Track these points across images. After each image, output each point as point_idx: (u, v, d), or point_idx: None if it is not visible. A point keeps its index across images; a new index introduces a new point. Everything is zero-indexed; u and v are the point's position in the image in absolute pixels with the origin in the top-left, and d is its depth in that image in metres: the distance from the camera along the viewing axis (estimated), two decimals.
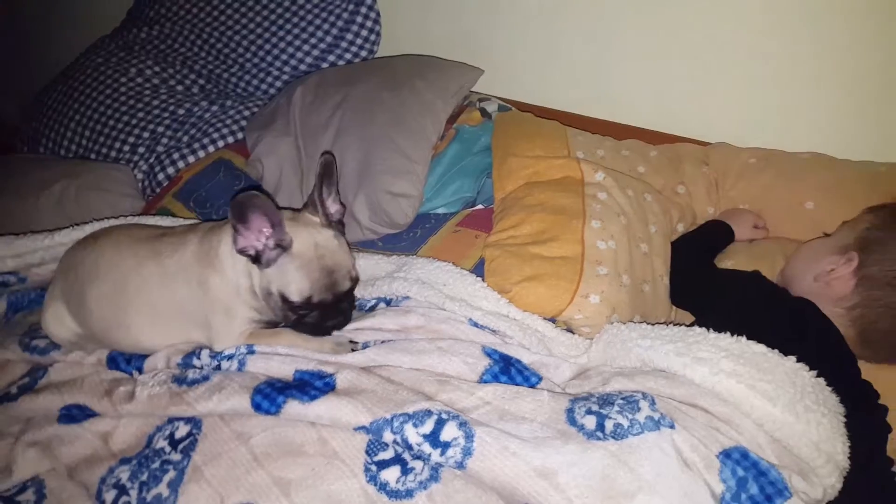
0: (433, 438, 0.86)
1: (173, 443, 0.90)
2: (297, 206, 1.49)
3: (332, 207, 1.08)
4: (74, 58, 2.10)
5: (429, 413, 0.88)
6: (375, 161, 1.41)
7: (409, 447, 0.87)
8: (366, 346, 1.06)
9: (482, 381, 0.99)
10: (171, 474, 0.87)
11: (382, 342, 1.06)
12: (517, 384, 1.00)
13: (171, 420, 0.94)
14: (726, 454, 0.89)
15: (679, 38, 1.50)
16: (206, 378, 0.96)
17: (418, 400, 0.91)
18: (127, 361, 1.06)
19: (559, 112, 1.68)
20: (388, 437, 0.88)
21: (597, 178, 1.30)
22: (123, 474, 0.88)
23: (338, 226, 1.08)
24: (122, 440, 0.94)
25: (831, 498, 0.94)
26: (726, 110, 1.53)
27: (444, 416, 0.88)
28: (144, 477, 0.87)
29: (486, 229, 1.34)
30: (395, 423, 0.88)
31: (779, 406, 0.93)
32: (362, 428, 0.89)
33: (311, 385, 0.94)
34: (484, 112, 1.59)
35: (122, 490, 0.86)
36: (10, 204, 1.69)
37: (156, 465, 0.88)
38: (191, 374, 0.98)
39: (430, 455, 0.86)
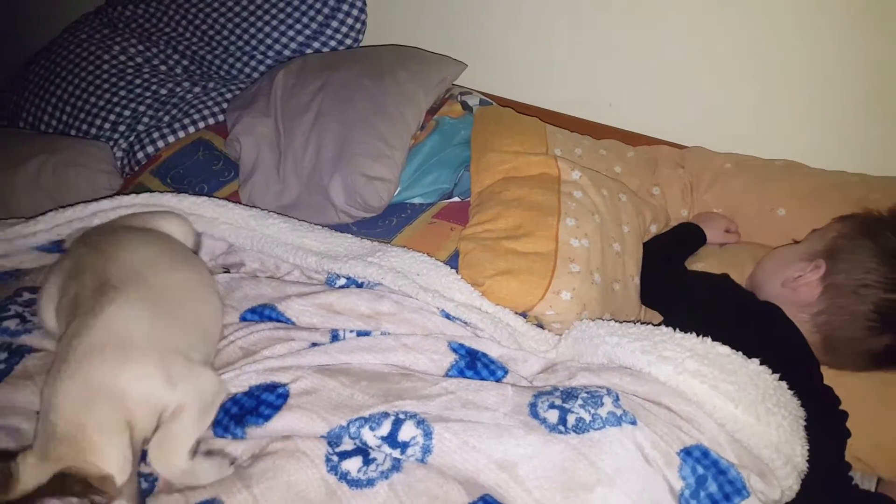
0: (391, 440, 0.86)
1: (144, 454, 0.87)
2: (272, 187, 1.49)
3: None
4: (58, 33, 2.07)
5: (385, 415, 0.88)
6: (353, 144, 1.41)
7: (370, 449, 0.87)
8: (335, 334, 1.06)
9: (448, 376, 1.00)
10: (143, 485, 0.85)
11: (351, 331, 1.06)
12: (483, 378, 1.00)
13: None
14: (687, 452, 0.90)
15: (662, 41, 1.51)
16: None
17: (375, 403, 0.90)
18: None
19: (540, 109, 1.68)
20: (347, 441, 0.87)
21: (573, 177, 1.30)
22: None
23: None
24: None
25: (789, 499, 0.95)
26: (705, 115, 1.55)
27: (400, 416, 0.88)
28: None
29: (462, 222, 1.34)
30: (352, 429, 0.87)
31: (740, 407, 0.94)
32: (320, 437, 0.88)
33: (264, 402, 0.92)
34: (465, 105, 1.59)
35: None
36: None
37: None
38: None
39: (390, 454, 0.86)
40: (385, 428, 0.87)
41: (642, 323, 1.23)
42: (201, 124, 1.73)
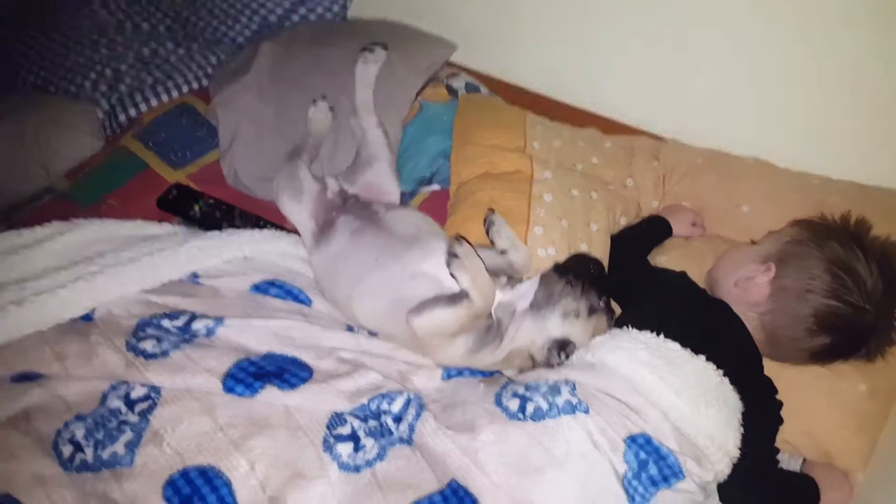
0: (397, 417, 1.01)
1: (129, 403, 0.95)
2: (252, 158, 1.51)
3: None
4: None
5: (400, 392, 1.02)
6: (346, 139, 1.46)
7: (379, 416, 1.00)
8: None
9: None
10: (129, 435, 0.91)
11: (368, 333, 1.17)
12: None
13: (125, 381, 0.98)
14: (632, 439, 1.01)
15: (655, 30, 1.52)
16: (164, 354, 0.99)
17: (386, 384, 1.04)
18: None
19: (527, 91, 1.72)
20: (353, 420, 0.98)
21: (545, 176, 1.36)
22: (78, 431, 0.92)
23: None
24: (74, 394, 0.96)
25: (721, 480, 1.07)
26: (689, 108, 1.59)
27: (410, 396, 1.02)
28: (100, 436, 0.91)
29: (442, 215, 1.40)
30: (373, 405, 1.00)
31: (683, 398, 1.04)
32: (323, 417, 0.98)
33: (289, 371, 1.00)
34: (450, 89, 1.61)
35: (77, 446, 0.91)
36: None
37: (112, 425, 0.92)
38: (149, 346, 1.00)
39: (376, 443, 0.98)
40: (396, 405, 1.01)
41: None
42: (185, 88, 1.72)
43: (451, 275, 1.04)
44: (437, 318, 1.04)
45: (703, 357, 1.09)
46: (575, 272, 1.13)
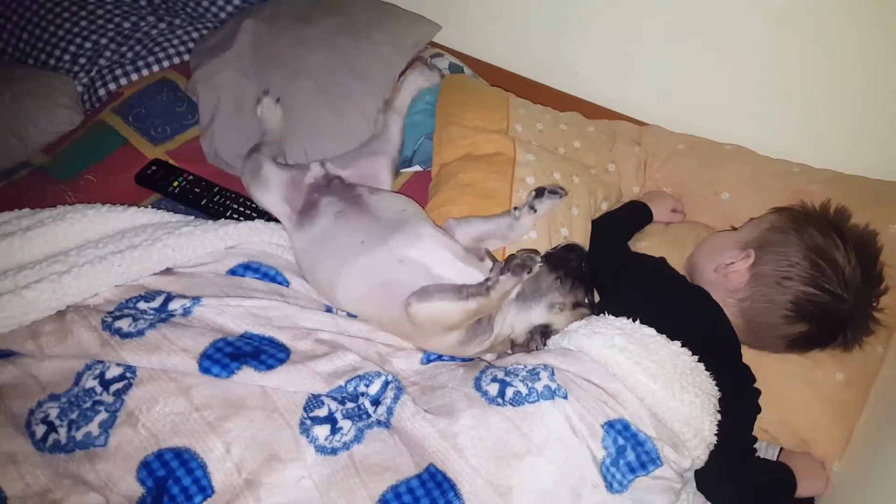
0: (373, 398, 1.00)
1: (104, 383, 0.93)
2: (233, 135, 1.49)
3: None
4: None
5: (378, 374, 1.02)
6: (325, 119, 1.46)
7: (356, 398, 0.99)
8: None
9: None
10: (103, 415, 0.90)
11: (347, 315, 1.16)
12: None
13: (100, 361, 0.96)
14: (610, 424, 1.01)
15: (642, 13, 1.50)
16: (140, 333, 0.98)
17: (364, 365, 1.03)
18: None
19: (510, 73, 1.70)
20: (322, 408, 0.97)
21: (527, 159, 1.35)
22: (52, 411, 0.91)
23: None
24: (48, 373, 0.96)
25: (698, 467, 1.08)
26: (668, 92, 1.58)
27: (389, 378, 1.02)
28: (74, 415, 0.90)
29: (423, 197, 1.39)
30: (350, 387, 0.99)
31: (659, 383, 1.05)
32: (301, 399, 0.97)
33: (266, 352, 0.99)
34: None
35: (50, 426, 0.90)
36: None
37: (87, 405, 0.91)
38: (125, 326, 0.99)
39: (354, 425, 0.97)
40: (374, 387, 1.00)
41: None
42: (166, 63, 1.70)
43: (499, 273, 1.05)
44: (440, 308, 1.05)
45: (678, 343, 1.09)
46: (566, 269, 1.16)
